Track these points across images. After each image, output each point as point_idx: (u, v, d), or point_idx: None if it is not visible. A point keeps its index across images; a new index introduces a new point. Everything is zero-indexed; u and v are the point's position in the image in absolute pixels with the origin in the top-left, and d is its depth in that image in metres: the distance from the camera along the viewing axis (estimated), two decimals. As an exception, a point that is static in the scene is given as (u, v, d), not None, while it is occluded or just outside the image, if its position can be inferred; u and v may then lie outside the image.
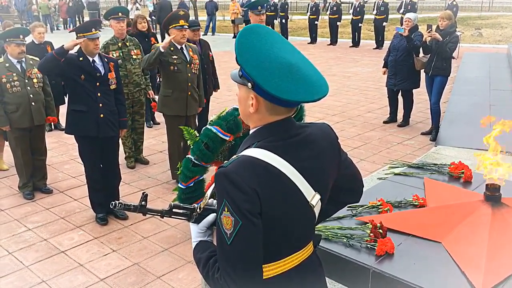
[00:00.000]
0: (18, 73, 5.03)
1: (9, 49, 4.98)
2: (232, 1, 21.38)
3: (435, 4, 32.44)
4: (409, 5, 15.71)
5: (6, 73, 4.97)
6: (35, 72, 5.13)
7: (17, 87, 5.00)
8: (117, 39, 5.80)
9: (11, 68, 5.01)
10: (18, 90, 5.01)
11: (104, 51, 5.69)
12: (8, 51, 5.01)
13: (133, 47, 5.95)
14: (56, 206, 5.08)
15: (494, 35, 18.79)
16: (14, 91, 4.99)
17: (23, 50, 5.03)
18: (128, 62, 5.86)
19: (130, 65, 5.87)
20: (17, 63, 5.05)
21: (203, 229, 1.67)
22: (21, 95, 5.02)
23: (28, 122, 5.08)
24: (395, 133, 7.38)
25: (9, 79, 4.97)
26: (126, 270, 3.94)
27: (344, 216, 2.87)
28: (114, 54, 5.74)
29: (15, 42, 4.94)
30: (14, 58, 5.02)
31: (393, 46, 7.36)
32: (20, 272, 3.92)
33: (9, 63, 5.01)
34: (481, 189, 3.03)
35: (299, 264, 1.63)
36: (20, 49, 4.98)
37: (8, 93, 4.99)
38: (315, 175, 1.57)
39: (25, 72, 5.06)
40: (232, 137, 3.81)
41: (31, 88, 5.09)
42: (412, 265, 2.45)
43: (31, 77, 5.10)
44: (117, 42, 5.80)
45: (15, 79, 4.99)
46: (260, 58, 1.46)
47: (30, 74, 5.09)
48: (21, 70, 5.06)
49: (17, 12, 25.20)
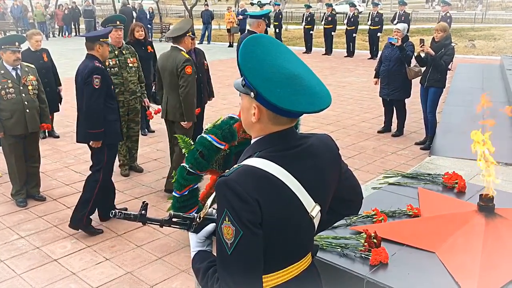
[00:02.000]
0: (13, 80, 5.01)
1: (5, 56, 4.96)
2: (228, 10, 21.47)
3: (428, 15, 32.72)
4: (402, 16, 15.84)
5: (1, 80, 4.95)
6: (30, 79, 5.14)
7: (11, 94, 4.98)
8: (113, 47, 5.81)
9: (6, 75, 5.00)
10: (12, 97, 4.98)
11: None
12: (4, 58, 4.99)
13: (130, 55, 5.97)
14: (49, 214, 5.04)
15: (487, 47, 18.96)
16: (9, 98, 4.97)
17: (19, 57, 5.03)
18: (125, 70, 5.88)
19: (126, 73, 5.89)
20: (12, 70, 5.03)
21: (202, 239, 1.67)
22: (15, 102, 5.00)
23: (22, 129, 5.06)
24: (389, 143, 7.41)
25: (3, 86, 4.95)
26: (119, 279, 3.91)
27: (338, 225, 2.87)
28: (111, 62, 5.75)
29: (11, 49, 4.93)
30: (10, 65, 5.00)
31: (385, 57, 7.41)
32: (12, 280, 3.89)
33: (4, 70, 5.00)
34: (474, 200, 3.04)
35: (298, 274, 1.62)
36: (15, 56, 4.97)
37: (3, 100, 4.96)
38: (315, 186, 1.57)
39: (20, 79, 5.05)
40: (227, 146, 3.81)
41: (26, 95, 5.07)
42: (406, 275, 2.45)
43: (26, 84, 5.09)
44: (114, 50, 5.81)
45: (10, 86, 4.97)
46: (263, 68, 1.46)
47: (25, 81, 5.09)
48: (16, 77, 5.05)
49: (13, 19, 25.15)
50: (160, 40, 22.48)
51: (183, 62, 5.03)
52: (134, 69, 5.98)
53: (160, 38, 22.87)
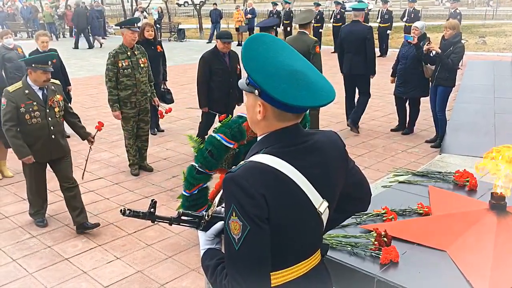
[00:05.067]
0: (39, 102, 4.39)
1: (34, 75, 4.33)
2: (237, 9, 21.48)
3: (438, 12, 32.48)
4: (412, 13, 15.73)
5: (26, 102, 4.33)
6: (57, 100, 4.53)
7: (36, 118, 4.37)
8: (126, 47, 5.82)
9: (32, 96, 4.37)
10: (38, 121, 4.38)
11: (113, 60, 5.71)
12: (31, 77, 4.36)
13: (141, 56, 5.97)
14: (60, 213, 5.08)
15: (498, 43, 18.78)
16: (33, 122, 4.37)
17: (49, 78, 4.42)
18: (137, 71, 5.87)
19: (139, 74, 5.88)
20: (39, 90, 4.41)
21: (211, 236, 1.68)
22: (40, 127, 4.40)
23: (45, 156, 4.53)
24: (399, 141, 7.37)
25: (28, 109, 4.33)
26: (129, 277, 3.93)
27: (348, 224, 2.86)
28: (124, 63, 5.74)
29: (43, 68, 4.32)
30: (36, 85, 4.39)
31: (402, 55, 7.34)
32: (24, 279, 3.92)
33: (29, 89, 4.36)
34: (486, 198, 3.02)
35: (307, 272, 1.62)
36: (46, 76, 4.36)
37: (27, 124, 4.35)
38: (322, 182, 1.58)
39: (47, 101, 4.42)
40: (237, 145, 3.81)
41: (52, 119, 4.46)
42: (417, 273, 2.43)
43: (52, 106, 4.46)
44: (126, 51, 5.81)
45: (35, 108, 4.36)
46: (266, 65, 1.47)
47: (52, 102, 4.45)
48: (43, 98, 4.42)
49: (23, 20, 25.39)
50: (169, 39, 22.55)
51: (314, 43, 6.52)
52: (145, 69, 5.99)
53: (169, 37, 22.93)
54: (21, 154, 4.39)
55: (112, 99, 5.81)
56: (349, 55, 7.55)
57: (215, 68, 6.00)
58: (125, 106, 5.88)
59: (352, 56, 7.48)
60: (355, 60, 7.44)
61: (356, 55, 7.44)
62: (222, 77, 6.14)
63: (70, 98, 7.67)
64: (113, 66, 5.74)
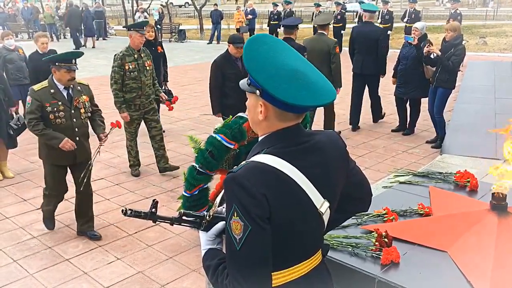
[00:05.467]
0: (64, 102, 4.24)
1: (58, 74, 4.20)
2: (237, 10, 21.49)
3: (439, 13, 32.47)
4: (413, 14, 15.73)
5: (51, 101, 4.19)
6: (83, 100, 4.36)
7: (61, 119, 4.22)
8: (133, 50, 5.76)
9: (57, 95, 4.23)
10: (62, 122, 4.23)
11: (120, 62, 5.67)
12: (56, 77, 4.23)
13: (147, 58, 5.93)
14: (61, 214, 5.08)
15: (499, 44, 18.77)
16: (58, 123, 4.22)
17: (74, 77, 4.27)
18: (143, 74, 5.82)
19: (144, 77, 5.84)
20: (64, 90, 4.27)
21: (212, 237, 1.68)
22: (65, 128, 4.24)
23: (70, 159, 4.36)
24: (400, 142, 7.36)
25: (53, 109, 4.19)
26: (130, 278, 3.93)
27: (349, 224, 2.86)
28: (131, 66, 5.70)
29: (66, 67, 4.17)
30: (62, 84, 4.25)
31: (402, 56, 7.34)
32: (25, 280, 3.93)
33: (55, 89, 4.23)
34: (487, 198, 3.01)
35: (307, 272, 1.63)
36: (70, 75, 4.21)
37: (51, 125, 4.21)
38: (323, 182, 1.58)
39: (72, 101, 4.28)
40: (237, 145, 3.81)
41: (77, 120, 4.32)
42: (418, 274, 2.43)
43: (78, 107, 4.31)
44: (133, 53, 5.76)
45: (61, 108, 4.21)
46: (267, 65, 1.48)
47: (77, 103, 4.31)
48: (68, 98, 4.28)
49: (24, 21, 25.41)
50: (169, 40, 22.56)
51: (334, 44, 7.00)
52: (150, 72, 5.95)
53: (170, 38, 22.94)
54: (58, 142, 4.19)
55: (118, 101, 5.78)
56: (360, 55, 7.73)
57: (228, 73, 5.92)
58: (129, 108, 5.86)
59: (364, 56, 7.68)
60: (367, 60, 7.64)
61: (368, 55, 7.63)
62: (235, 82, 6.08)
63: None
64: (119, 68, 5.69)
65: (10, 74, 7.84)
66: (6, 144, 6.09)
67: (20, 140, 6.43)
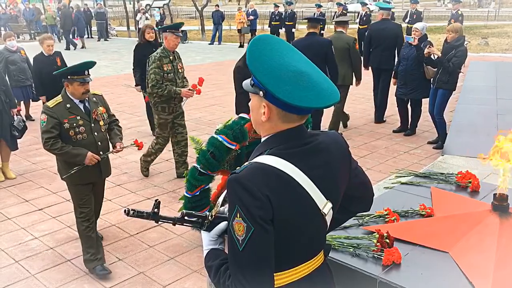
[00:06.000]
0: (83, 116, 3.91)
1: (71, 88, 3.85)
2: (239, 10, 21.50)
3: (440, 13, 32.45)
4: (414, 15, 15.74)
5: (69, 117, 3.85)
6: (101, 112, 4.05)
7: (82, 134, 3.88)
8: (168, 51, 5.61)
9: (74, 109, 3.89)
10: (84, 137, 3.89)
11: (159, 63, 5.49)
12: (69, 91, 3.87)
13: (179, 61, 5.80)
14: (63, 214, 5.09)
15: (501, 44, 18.75)
16: (79, 139, 3.87)
17: (88, 89, 3.91)
18: (177, 76, 5.68)
19: (178, 79, 5.69)
20: (80, 103, 3.93)
21: (215, 237, 1.68)
22: (87, 144, 3.92)
23: (95, 176, 4.06)
24: (401, 142, 7.36)
25: (72, 124, 3.84)
26: (131, 279, 3.94)
27: (350, 225, 2.86)
28: (168, 67, 5.56)
29: (79, 80, 3.82)
30: (76, 98, 3.92)
31: (402, 56, 7.34)
32: (27, 280, 3.93)
33: (71, 103, 3.88)
34: (488, 199, 3.01)
35: (310, 273, 1.63)
36: (84, 88, 3.86)
37: (72, 141, 3.85)
38: (326, 183, 1.58)
39: (90, 114, 3.95)
40: (238, 146, 3.82)
41: (98, 133, 3.99)
42: (419, 275, 2.43)
43: (97, 119, 3.99)
44: (169, 55, 5.61)
45: (80, 123, 3.88)
46: (271, 66, 1.48)
47: (95, 115, 3.99)
48: (85, 111, 3.94)
49: (26, 22, 25.46)
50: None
51: (353, 41, 7.39)
52: (182, 74, 5.80)
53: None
54: (81, 158, 3.86)
55: (168, 91, 5.51)
56: (377, 51, 8.10)
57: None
58: (163, 111, 5.70)
59: (381, 52, 8.05)
60: (384, 55, 8.03)
61: (385, 51, 8.01)
62: None
63: None
64: (159, 69, 5.49)
65: (12, 76, 7.87)
66: (10, 146, 6.10)
67: (22, 141, 6.45)
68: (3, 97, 5.91)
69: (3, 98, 5.91)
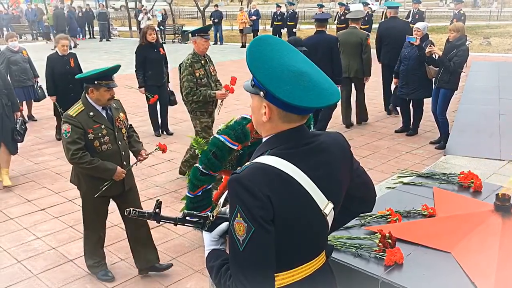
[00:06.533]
0: (107, 124, 3.64)
1: (96, 94, 3.56)
2: (240, 10, 21.50)
3: (443, 13, 32.41)
4: (416, 14, 15.67)
5: (93, 126, 3.57)
6: (122, 119, 3.80)
7: (107, 144, 3.62)
8: (199, 56, 5.46)
9: (98, 118, 3.61)
10: (109, 147, 3.63)
11: (191, 69, 5.32)
12: (94, 97, 3.58)
13: (211, 64, 5.64)
14: (65, 214, 5.10)
15: (503, 44, 18.72)
16: (104, 149, 3.61)
17: (113, 95, 3.65)
18: (210, 79, 5.50)
19: (212, 83, 5.52)
20: (102, 110, 3.65)
21: (216, 237, 1.68)
22: (112, 154, 3.65)
23: (118, 189, 3.75)
24: (403, 142, 7.35)
25: (97, 134, 3.57)
26: (133, 279, 3.94)
27: (352, 225, 2.85)
28: (200, 72, 5.38)
29: (107, 85, 3.56)
30: (99, 105, 3.63)
31: (404, 56, 7.33)
32: (29, 280, 3.94)
33: (94, 111, 3.59)
34: (491, 199, 3.01)
35: (311, 273, 1.63)
36: (110, 94, 3.60)
37: (96, 152, 3.57)
38: (327, 184, 1.58)
39: (114, 121, 3.69)
40: (240, 146, 3.81)
41: (121, 142, 3.74)
42: (421, 275, 2.42)
43: (120, 127, 3.74)
44: (200, 59, 5.45)
45: (104, 133, 3.60)
46: (271, 66, 1.48)
47: (118, 123, 3.72)
48: (108, 118, 3.67)
49: (28, 22, 25.51)
50: (173, 41, 22.59)
51: (366, 36, 7.86)
52: (215, 77, 5.63)
53: (173, 39, 22.98)
54: (111, 173, 3.62)
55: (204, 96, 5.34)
56: (388, 47, 8.38)
57: None
58: (202, 115, 5.52)
59: (391, 49, 8.27)
60: (394, 52, 8.19)
61: (395, 48, 8.15)
62: None
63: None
64: (192, 76, 5.32)
65: (14, 76, 7.89)
66: (10, 150, 5.99)
67: (24, 141, 6.43)
68: (4, 100, 5.79)
69: (5, 101, 5.79)
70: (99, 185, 3.63)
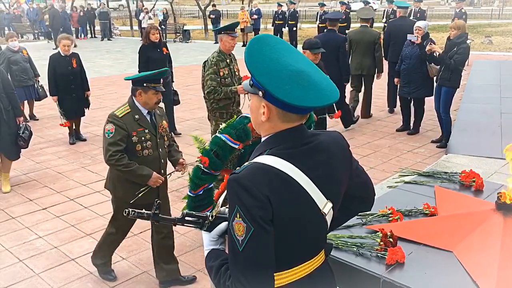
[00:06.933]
0: (150, 129, 3.55)
1: (144, 97, 3.48)
2: (242, 10, 21.49)
3: (444, 12, 32.36)
4: (418, 13, 15.66)
5: (138, 129, 3.49)
6: (165, 127, 3.70)
7: (148, 149, 3.53)
8: (224, 54, 5.23)
9: (143, 121, 3.52)
10: (149, 153, 3.54)
11: (216, 68, 5.13)
12: (141, 100, 3.49)
13: (235, 63, 5.42)
14: (66, 214, 5.11)
15: (505, 43, 18.69)
16: (145, 154, 3.52)
17: (161, 99, 3.59)
18: (234, 79, 5.29)
19: (236, 83, 5.29)
20: (147, 114, 3.57)
21: (215, 237, 1.68)
22: (152, 160, 3.56)
23: (153, 197, 3.47)
24: (405, 141, 7.35)
25: (140, 138, 3.49)
26: (135, 278, 3.95)
27: (354, 224, 2.85)
28: (225, 71, 5.18)
29: (155, 88, 3.48)
30: (145, 108, 3.54)
31: (405, 55, 7.32)
32: (31, 279, 3.94)
33: (139, 114, 3.50)
34: (492, 198, 3.00)
35: (311, 272, 1.63)
36: (157, 98, 3.53)
37: (136, 157, 3.48)
38: (326, 183, 1.58)
39: (157, 127, 3.61)
40: (242, 145, 3.82)
41: (162, 149, 3.66)
42: (423, 274, 2.42)
43: (162, 134, 3.66)
44: (225, 58, 5.24)
45: (147, 137, 3.52)
46: (270, 65, 1.47)
47: (161, 130, 3.64)
48: (152, 124, 3.58)
49: (29, 22, 25.54)
50: (174, 40, 22.59)
51: (378, 35, 8.13)
52: (238, 77, 5.39)
53: (174, 38, 22.99)
54: (146, 179, 3.52)
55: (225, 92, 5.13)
56: (395, 46, 8.31)
57: None
58: (221, 117, 5.25)
59: (399, 48, 8.18)
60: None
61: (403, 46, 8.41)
62: None
63: (89, 103, 7.71)
64: (216, 75, 5.12)
65: (14, 76, 7.90)
66: (8, 156, 5.77)
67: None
68: (4, 104, 5.54)
69: (4, 105, 5.55)
70: (135, 191, 3.53)
